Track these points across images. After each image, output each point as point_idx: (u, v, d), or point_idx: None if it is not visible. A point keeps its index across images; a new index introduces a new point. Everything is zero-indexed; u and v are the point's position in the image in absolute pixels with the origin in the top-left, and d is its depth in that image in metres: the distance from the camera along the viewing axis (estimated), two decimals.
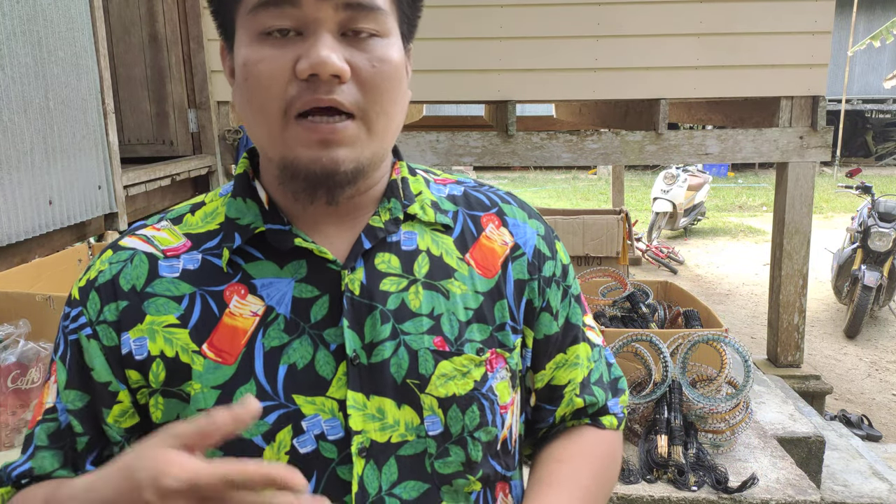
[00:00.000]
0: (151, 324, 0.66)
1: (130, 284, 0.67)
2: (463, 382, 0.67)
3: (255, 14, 0.60)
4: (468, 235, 0.73)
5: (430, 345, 0.67)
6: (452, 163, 3.75)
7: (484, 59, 3.55)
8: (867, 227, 5.57)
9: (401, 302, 0.67)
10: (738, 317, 5.83)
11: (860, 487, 2.56)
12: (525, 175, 15.34)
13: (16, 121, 2.15)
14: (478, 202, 0.76)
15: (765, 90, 3.61)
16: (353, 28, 0.61)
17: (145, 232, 0.71)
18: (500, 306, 0.71)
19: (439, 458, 0.66)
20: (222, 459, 0.63)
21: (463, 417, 0.67)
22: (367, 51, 0.61)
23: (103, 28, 2.68)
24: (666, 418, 2.03)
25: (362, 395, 0.65)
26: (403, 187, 0.72)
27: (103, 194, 2.63)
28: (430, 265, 0.70)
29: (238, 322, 0.65)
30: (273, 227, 0.67)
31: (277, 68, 0.60)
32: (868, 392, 4.49)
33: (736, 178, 14.36)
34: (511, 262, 0.73)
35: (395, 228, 0.70)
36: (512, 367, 0.72)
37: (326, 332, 0.65)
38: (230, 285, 0.67)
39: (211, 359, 0.65)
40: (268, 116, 0.61)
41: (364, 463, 0.64)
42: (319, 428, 0.64)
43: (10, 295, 1.81)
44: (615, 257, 3.54)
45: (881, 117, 15.90)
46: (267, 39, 0.60)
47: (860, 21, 13.32)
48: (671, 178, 8.55)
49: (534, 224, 0.77)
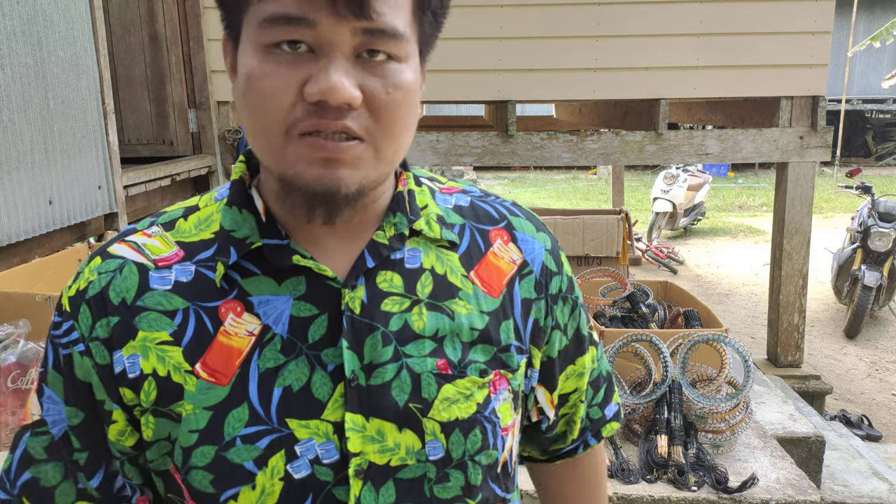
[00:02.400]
0: (144, 340, 0.63)
1: (120, 298, 0.64)
2: (466, 406, 0.66)
3: (267, 27, 0.56)
4: (474, 251, 0.71)
5: (433, 368, 0.65)
6: (452, 163, 3.76)
7: (484, 59, 3.56)
8: (867, 227, 5.58)
9: (403, 323, 0.65)
10: (738, 317, 5.83)
11: (860, 487, 2.56)
12: (525, 175, 15.33)
13: (16, 121, 2.15)
14: (486, 215, 0.74)
15: (765, 90, 3.61)
16: (369, 49, 0.57)
17: (135, 239, 0.68)
18: (505, 327, 0.70)
19: (439, 482, 0.65)
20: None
21: (465, 441, 0.65)
22: (383, 76, 0.57)
23: (103, 28, 2.68)
24: (666, 418, 2.03)
25: (361, 416, 0.63)
26: (410, 200, 0.69)
27: (103, 194, 2.63)
28: (434, 284, 0.67)
29: (233, 342, 0.63)
30: (270, 241, 0.64)
31: (284, 87, 0.56)
32: (868, 392, 4.49)
33: (736, 178, 14.36)
34: (518, 281, 0.71)
35: (400, 245, 0.67)
36: (514, 389, 0.70)
37: (324, 352, 0.63)
38: (225, 302, 0.64)
39: (204, 379, 0.63)
40: (269, 132, 0.58)
41: (361, 484, 0.62)
42: (314, 452, 0.62)
43: (10, 295, 1.82)
44: (615, 257, 3.54)
45: (881, 117, 15.90)
46: (275, 52, 0.56)
47: (860, 21, 13.32)
48: (671, 178, 8.56)
49: (542, 238, 0.75)
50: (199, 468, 0.62)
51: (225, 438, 0.62)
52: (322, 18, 0.54)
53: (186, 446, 0.62)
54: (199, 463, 0.62)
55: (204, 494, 0.63)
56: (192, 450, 0.62)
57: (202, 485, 0.62)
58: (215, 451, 0.62)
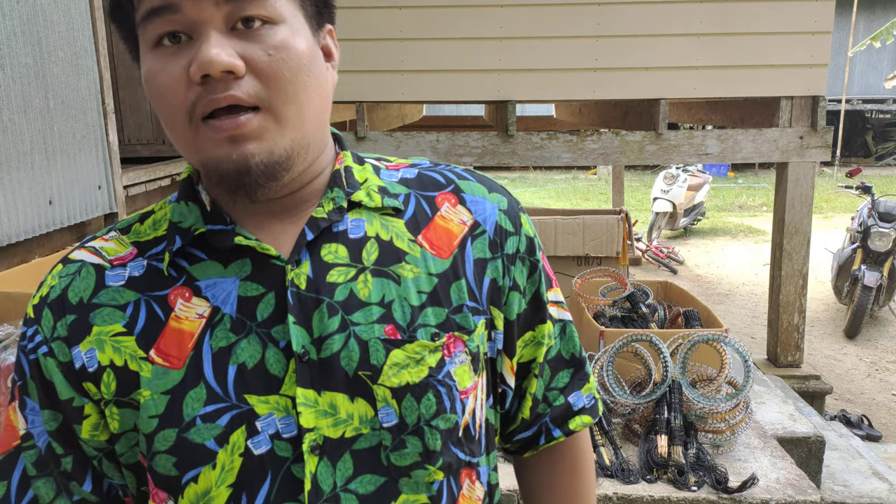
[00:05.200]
0: (99, 334, 0.65)
1: (78, 297, 0.66)
2: (417, 370, 0.65)
3: (145, 26, 0.60)
4: (421, 217, 0.71)
5: (380, 334, 0.65)
6: (452, 163, 3.75)
7: (484, 59, 3.56)
8: (867, 227, 5.57)
9: (349, 292, 0.66)
10: (738, 317, 5.83)
11: (860, 487, 2.56)
12: (525, 175, 15.33)
13: (16, 121, 2.15)
14: (432, 182, 0.74)
15: (765, 90, 3.61)
16: (242, 18, 0.59)
17: (94, 244, 0.70)
18: (456, 287, 0.69)
19: (395, 450, 0.65)
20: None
21: (418, 406, 0.65)
22: (261, 41, 0.59)
23: (103, 28, 2.68)
24: (666, 418, 2.03)
25: (313, 391, 0.63)
26: (347, 176, 0.70)
27: (103, 194, 2.63)
28: (380, 251, 0.68)
29: (184, 325, 0.65)
30: (214, 227, 0.66)
31: (174, 76, 0.59)
32: (868, 392, 4.49)
33: (736, 178, 14.36)
34: (470, 241, 0.71)
35: (340, 217, 0.68)
36: (472, 350, 0.69)
37: (274, 329, 0.64)
38: (174, 289, 0.66)
39: (159, 364, 0.64)
40: (177, 125, 0.61)
41: (317, 460, 0.63)
42: (274, 427, 0.63)
43: (10, 295, 1.81)
44: (615, 257, 3.54)
45: (881, 117, 15.90)
46: (161, 49, 0.60)
47: (860, 21, 13.32)
48: (671, 178, 8.56)
49: (494, 198, 0.74)
50: (162, 452, 0.63)
51: (185, 420, 0.63)
52: (184, 1, 0.58)
53: (148, 432, 0.63)
54: (162, 447, 0.63)
55: (167, 478, 0.64)
56: (154, 435, 0.63)
57: (166, 468, 0.63)
58: (176, 434, 0.63)
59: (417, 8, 3.48)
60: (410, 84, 3.57)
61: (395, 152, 3.62)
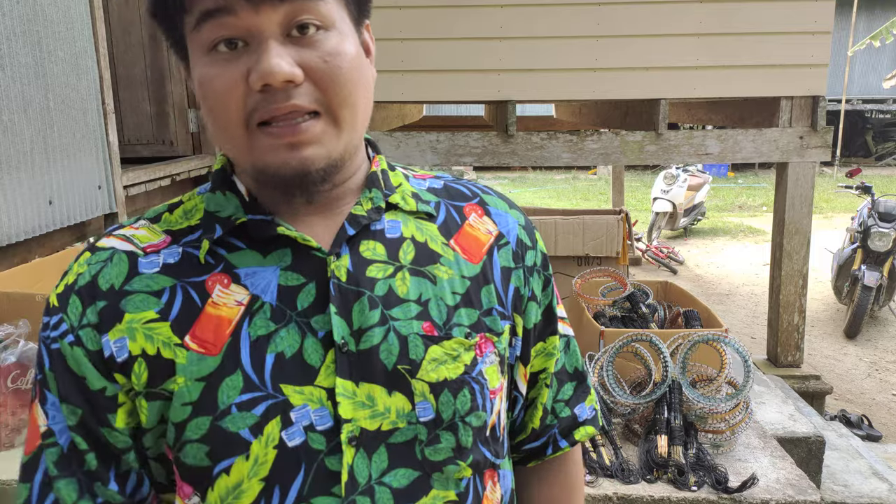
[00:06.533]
0: (130, 322, 0.64)
1: (109, 284, 0.65)
2: (454, 366, 0.67)
3: (199, 30, 0.60)
4: (451, 223, 0.73)
5: (419, 330, 0.66)
6: (452, 163, 3.76)
7: (484, 59, 3.55)
8: (867, 227, 5.57)
9: (388, 288, 0.67)
10: (738, 317, 5.83)
11: (860, 487, 2.56)
12: (525, 175, 15.33)
13: (16, 121, 2.15)
14: (458, 193, 0.77)
15: (765, 90, 3.61)
16: (297, 24, 0.60)
17: (123, 231, 0.69)
18: (486, 291, 0.71)
19: (430, 444, 0.66)
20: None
21: (454, 402, 0.66)
22: (317, 47, 0.60)
23: (103, 28, 2.68)
24: (666, 418, 2.03)
25: (351, 382, 0.63)
26: (384, 178, 0.72)
27: (103, 194, 2.63)
28: (416, 251, 0.70)
29: (222, 311, 0.64)
30: (255, 217, 0.66)
31: (232, 83, 0.59)
32: (868, 392, 4.49)
33: (736, 178, 14.36)
34: (497, 250, 0.74)
35: (378, 216, 0.69)
36: (500, 352, 0.72)
37: (314, 319, 0.64)
38: (212, 275, 0.65)
39: (194, 350, 0.63)
40: (231, 131, 0.61)
41: (354, 452, 0.63)
42: (308, 419, 0.62)
43: (10, 295, 1.82)
44: (615, 257, 3.54)
45: (881, 117, 15.90)
46: (217, 54, 0.60)
47: (860, 21, 13.32)
48: (671, 178, 8.56)
49: (514, 214, 0.78)
50: (194, 441, 0.62)
51: (220, 407, 0.62)
52: (240, 2, 0.58)
53: (179, 421, 0.62)
54: (194, 436, 0.62)
55: (197, 469, 0.63)
56: (186, 423, 0.62)
57: (197, 458, 0.62)
58: (210, 422, 0.62)
59: (417, 8, 3.48)
60: (410, 84, 3.57)
61: (395, 152, 3.62)
